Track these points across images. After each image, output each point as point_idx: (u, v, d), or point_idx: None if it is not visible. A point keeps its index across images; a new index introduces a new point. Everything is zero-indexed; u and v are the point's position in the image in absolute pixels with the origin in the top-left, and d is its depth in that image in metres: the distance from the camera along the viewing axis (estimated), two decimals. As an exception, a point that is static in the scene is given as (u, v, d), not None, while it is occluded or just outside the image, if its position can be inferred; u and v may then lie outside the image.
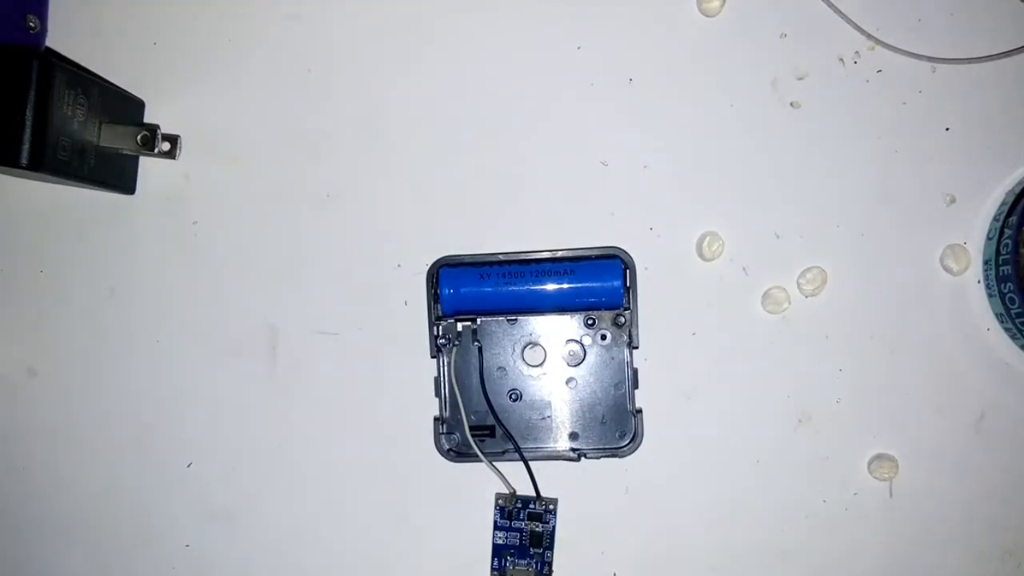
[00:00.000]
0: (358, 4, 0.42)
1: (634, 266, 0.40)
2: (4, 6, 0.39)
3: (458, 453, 0.40)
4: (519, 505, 0.40)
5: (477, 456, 0.40)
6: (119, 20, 0.43)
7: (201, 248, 0.42)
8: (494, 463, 0.40)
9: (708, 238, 0.40)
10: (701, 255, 0.40)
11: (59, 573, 0.43)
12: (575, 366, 0.40)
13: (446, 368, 0.40)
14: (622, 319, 0.40)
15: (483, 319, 0.40)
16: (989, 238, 0.39)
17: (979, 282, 0.40)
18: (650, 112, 0.41)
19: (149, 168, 0.42)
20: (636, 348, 0.40)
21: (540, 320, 0.40)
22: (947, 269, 0.39)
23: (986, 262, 0.39)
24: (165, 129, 0.41)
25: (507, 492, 0.40)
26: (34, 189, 0.42)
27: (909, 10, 0.40)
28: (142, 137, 0.40)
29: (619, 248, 0.40)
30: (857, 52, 0.40)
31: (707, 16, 0.40)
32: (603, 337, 0.40)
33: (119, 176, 0.42)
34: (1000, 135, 0.40)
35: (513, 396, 0.40)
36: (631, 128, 0.41)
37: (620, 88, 0.41)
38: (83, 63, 0.41)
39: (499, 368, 0.40)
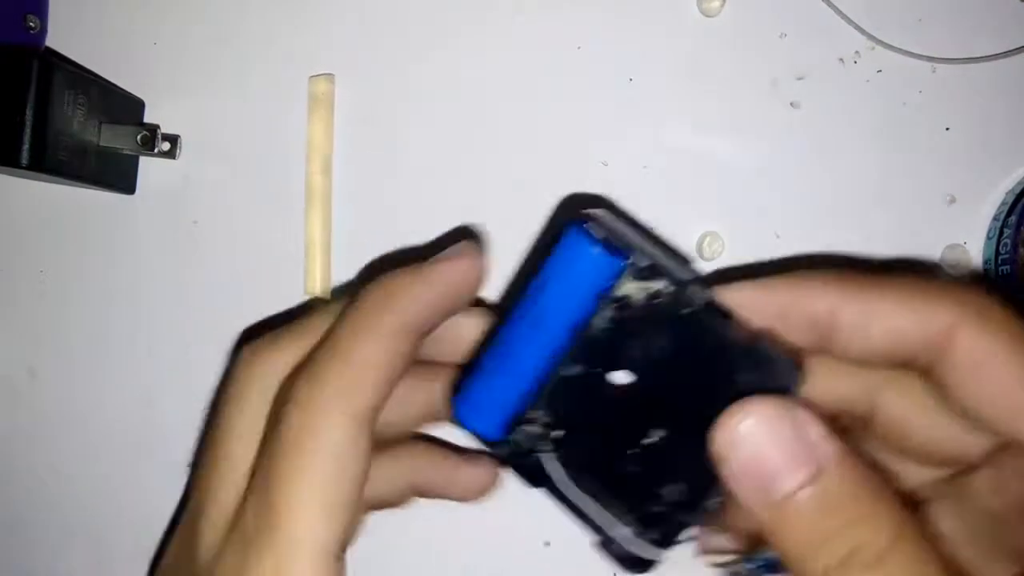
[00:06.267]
0: (357, 4, 0.42)
1: (634, 266, 0.40)
2: (4, 6, 0.39)
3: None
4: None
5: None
6: (119, 20, 0.43)
7: (201, 248, 0.42)
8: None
9: (708, 238, 0.40)
10: (701, 255, 0.40)
11: (59, 573, 0.43)
12: (575, 366, 0.40)
13: (446, 368, 0.40)
14: (622, 319, 0.40)
15: (483, 319, 0.40)
16: (989, 238, 0.39)
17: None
18: (650, 112, 0.41)
19: (149, 168, 0.42)
20: (636, 348, 0.40)
21: (540, 320, 0.40)
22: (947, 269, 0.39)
23: (986, 262, 0.39)
24: (165, 129, 0.41)
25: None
26: (34, 189, 0.42)
27: (909, 10, 0.40)
28: (142, 137, 0.40)
29: (619, 248, 0.40)
30: (857, 52, 0.40)
31: (707, 16, 0.40)
32: (603, 337, 0.40)
33: (119, 176, 0.42)
34: (1000, 135, 0.39)
35: (513, 396, 0.40)
36: (631, 128, 0.41)
37: (620, 88, 0.41)
38: (83, 63, 0.41)
39: (499, 368, 0.40)
